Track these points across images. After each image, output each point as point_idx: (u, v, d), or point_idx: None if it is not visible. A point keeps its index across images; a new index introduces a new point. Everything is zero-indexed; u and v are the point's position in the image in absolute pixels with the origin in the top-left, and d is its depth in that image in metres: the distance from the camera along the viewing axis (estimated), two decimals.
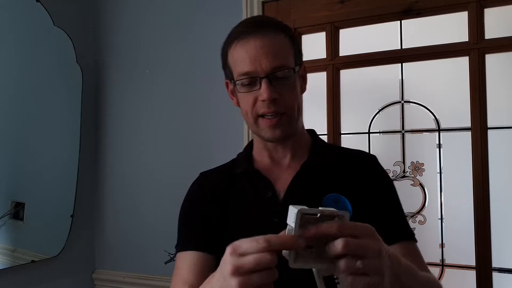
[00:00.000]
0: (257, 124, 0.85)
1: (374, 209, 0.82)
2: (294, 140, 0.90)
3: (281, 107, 0.82)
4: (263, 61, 0.80)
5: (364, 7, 1.46)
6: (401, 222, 0.88)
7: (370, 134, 1.50)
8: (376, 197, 0.86)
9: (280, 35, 0.84)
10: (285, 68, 0.82)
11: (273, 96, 0.80)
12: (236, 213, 0.88)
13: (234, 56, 0.84)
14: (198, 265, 0.85)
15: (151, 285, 1.72)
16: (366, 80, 1.50)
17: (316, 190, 0.85)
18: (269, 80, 0.80)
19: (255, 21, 0.86)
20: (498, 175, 1.30)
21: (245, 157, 0.95)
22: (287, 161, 0.91)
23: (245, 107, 0.86)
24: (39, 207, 1.64)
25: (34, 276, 1.62)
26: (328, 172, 0.87)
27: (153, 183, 1.77)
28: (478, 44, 1.33)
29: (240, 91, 0.85)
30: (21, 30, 1.62)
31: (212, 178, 0.97)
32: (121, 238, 1.83)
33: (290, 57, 0.84)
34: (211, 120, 1.67)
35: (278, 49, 0.82)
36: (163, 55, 1.78)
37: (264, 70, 0.80)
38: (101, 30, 1.92)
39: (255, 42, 0.81)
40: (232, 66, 0.85)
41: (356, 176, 0.87)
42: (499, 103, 1.32)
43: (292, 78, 0.83)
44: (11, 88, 1.58)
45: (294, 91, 0.85)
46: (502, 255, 1.30)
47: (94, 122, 1.90)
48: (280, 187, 0.87)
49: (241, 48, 0.82)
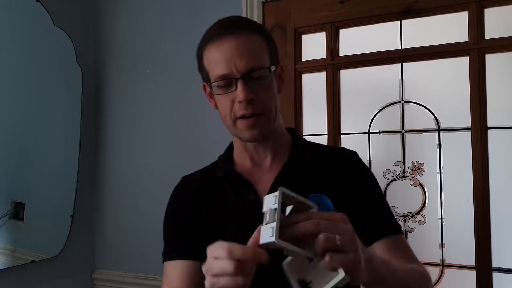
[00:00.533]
0: (235, 126, 0.84)
1: (356, 206, 0.82)
2: (274, 140, 0.90)
3: (258, 108, 0.81)
4: (238, 62, 0.79)
5: (364, 7, 1.46)
6: (385, 216, 0.88)
7: (370, 134, 1.50)
8: (357, 194, 0.85)
9: (254, 35, 0.83)
10: (260, 68, 0.81)
11: (249, 97, 0.80)
12: (218, 218, 0.88)
13: (209, 58, 0.84)
14: (187, 273, 0.86)
15: (151, 285, 1.72)
16: (366, 80, 1.50)
17: (298, 191, 0.83)
18: (244, 81, 0.80)
19: (229, 22, 0.85)
20: (498, 175, 1.31)
21: (226, 160, 0.94)
22: (268, 163, 0.90)
23: (223, 110, 0.85)
24: (39, 207, 1.64)
25: (34, 276, 1.62)
26: (309, 172, 0.87)
27: (153, 183, 1.77)
28: (478, 44, 1.33)
29: (216, 93, 0.84)
30: (21, 30, 1.62)
31: (193, 182, 0.96)
32: (121, 238, 1.83)
33: (266, 57, 0.84)
34: (211, 120, 1.67)
35: (253, 49, 0.81)
36: (163, 55, 1.78)
37: (239, 71, 0.79)
38: (101, 30, 1.92)
39: (229, 43, 0.80)
40: (208, 69, 0.85)
41: (336, 174, 0.87)
42: (499, 103, 1.32)
43: (268, 78, 0.83)
44: (11, 88, 1.58)
45: (270, 91, 0.84)
46: (502, 255, 1.30)
47: (94, 122, 1.90)
48: (262, 190, 0.86)
49: (215, 50, 0.82)
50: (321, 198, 0.82)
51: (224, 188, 0.90)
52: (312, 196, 0.82)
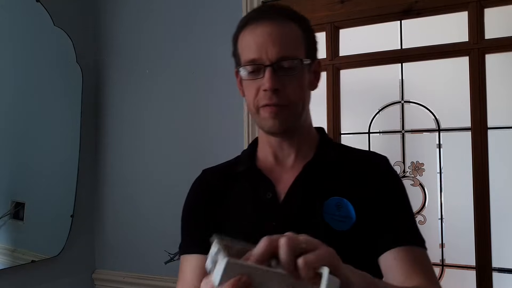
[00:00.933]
0: (258, 114, 0.81)
1: (378, 213, 0.78)
2: (300, 138, 0.86)
3: (282, 99, 0.78)
4: (270, 48, 0.76)
5: (364, 7, 1.46)
6: (406, 226, 0.80)
7: (370, 134, 1.50)
8: (382, 201, 0.80)
9: (291, 24, 0.80)
10: (291, 58, 0.77)
11: (275, 86, 0.76)
12: (234, 214, 0.86)
13: (242, 43, 0.81)
14: (202, 267, 0.83)
15: (151, 285, 1.72)
16: (366, 80, 1.50)
17: (318, 193, 0.81)
18: (273, 69, 0.76)
19: (268, 7, 0.82)
20: (498, 175, 1.30)
21: (249, 155, 0.92)
22: (291, 161, 0.86)
23: (248, 96, 0.82)
24: (39, 207, 1.64)
25: (34, 276, 1.62)
26: (332, 173, 0.83)
27: (153, 183, 1.77)
28: (478, 44, 1.33)
29: (244, 78, 0.82)
30: (21, 30, 1.62)
31: (213, 176, 0.94)
32: (121, 238, 1.83)
33: (300, 48, 0.80)
34: (211, 120, 1.67)
35: (287, 38, 0.78)
36: (163, 55, 1.78)
37: (269, 58, 0.76)
38: (101, 30, 1.92)
39: (263, 29, 0.77)
40: (240, 53, 0.82)
41: (362, 178, 0.82)
42: (499, 103, 1.32)
43: (298, 70, 0.78)
44: (11, 88, 1.58)
45: (299, 84, 0.80)
46: (502, 255, 1.30)
47: (94, 122, 1.90)
48: (281, 189, 0.83)
49: (249, 35, 0.80)
50: (342, 201, 0.78)
51: (243, 183, 0.87)
52: (332, 199, 0.79)
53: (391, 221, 0.78)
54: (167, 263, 1.64)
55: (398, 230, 0.78)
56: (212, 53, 1.66)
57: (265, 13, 0.80)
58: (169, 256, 1.65)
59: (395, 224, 0.78)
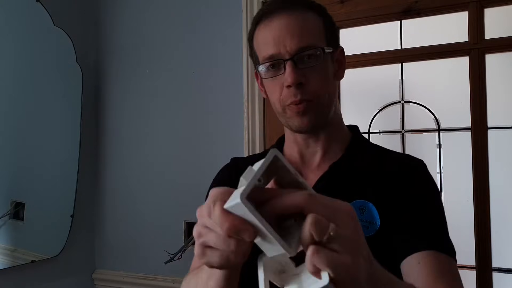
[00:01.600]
0: (285, 113, 0.76)
1: (406, 218, 0.71)
2: (328, 135, 0.80)
3: (308, 94, 0.73)
4: (288, 41, 0.71)
5: (364, 7, 1.46)
6: (435, 230, 0.73)
7: (370, 134, 1.50)
8: (411, 206, 0.73)
9: (309, 13, 0.75)
10: (312, 48, 0.72)
11: (298, 80, 0.71)
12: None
13: (259, 39, 0.77)
14: None
15: (151, 285, 1.72)
16: (366, 80, 1.50)
17: (342, 195, 0.74)
18: (294, 63, 0.71)
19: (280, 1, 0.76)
20: (498, 175, 1.30)
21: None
22: (317, 159, 0.81)
23: (272, 97, 0.78)
24: (39, 207, 1.64)
25: (34, 276, 1.62)
26: (359, 176, 0.77)
27: (154, 183, 1.77)
28: (478, 44, 1.33)
29: (264, 77, 0.77)
30: (21, 30, 1.62)
31: (241, 166, 0.89)
32: (121, 238, 1.83)
33: (321, 36, 0.75)
34: (211, 120, 1.67)
35: (306, 27, 0.73)
36: (163, 55, 1.78)
37: (288, 51, 0.71)
38: (101, 30, 1.92)
39: (279, 21, 0.73)
40: (257, 51, 0.78)
41: (392, 182, 0.75)
42: (499, 103, 1.32)
43: (321, 60, 0.73)
44: (11, 88, 1.58)
45: (324, 75, 0.75)
46: (502, 255, 1.30)
47: (94, 122, 1.90)
48: None
49: (264, 29, 0.75)
50: (366, 205, 0.73)
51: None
52: (356, 202, 0.74)
53: (420, 225, 0.72)
54: (167, 263, 1.64)
55: (426, 233, 0.71)
56: (212, 53, 1.66)
57: (279, 4, 0.75)
58: (169, 256, 1.65)
59: (424, 227, 0.72)
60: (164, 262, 1.64)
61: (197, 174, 1.62)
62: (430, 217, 0.74)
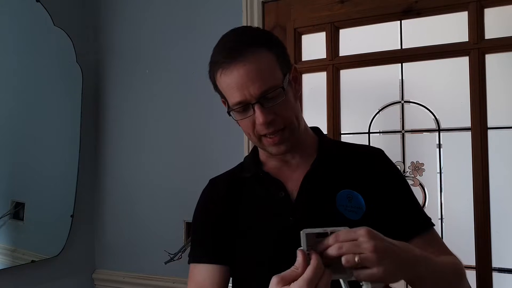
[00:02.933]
0: (261, 142, 0.85)
1: (387, 202, 0.84)
2: (301, 143, 0.90)
3: (279, 125, 0.81)
4: (250, 88, 0.78)
5: (364, 7, 1.46)
6: (416, 212, 0.89)
7: (370, 134, 1.50)
8: (388, 190, 0.86)
9: (261, 53, 0.80)
10: (274, 89, 0.79)
11: (268, 119, 0.79)
12: (248, 217, 0.88)
13: (222, 85, 0.84)
14: (212, 277, 0.86)
15: (151, 285, 1.72)
16: (366, 80, 1.50)
17: (329, 188, 0.85)
18: (260, 104, 0.79)
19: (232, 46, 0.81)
20: (498, 175, 1.30)
21: (252, 160, 0.95)
22: (296, 162, 0.90)
23: (246, 130, 0.86)
24: (39, 207, 1.64)
25: (34, 276, 1.62)
26: (338, 169, 0.88)
27: (153, 183, 1.77)
28: (478, 44, 1.33)
29: (236, 118, 0.85)
30: (21, 30, 1.62)
31: (220, 184, 0.96)
32: (121, 238, 1.83)
33: (277, 73, 0.81)
34: (211, 121, 1.67)
35: (263, 71, 0.79)
36: (163, 55, 1.78)
37: (253, 96, 0.79)
38: (101, 30, 1.92)
39: (238, 71, 0.78)
40: (225, 94, 0.85)
41: (365, 170, 0.88)
42: (499, 103, 1.32)
43: (283, 96, 0.81)
44: (11, 88, 1.58)
45: (288, 105, 0.83)
46: (502, 255, 1.30)
47: (94, 122, 1.90)
48: (292, 187, 0.87)
49: (226, 77, 0.81)
50: (352, 193, 0.84)
51: (253, 187, 0.90)
52: (343, 192, 0.84)
53: (403, 211, 0.86)
54: (167, 263, 1.64)
55: (411, 219, 0.86)
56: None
57: (233, 54, 0.79)
58: (169, 256, 1.65)
59: (407, 213, 0.86)
60: (164, 262, 1.64)
61: (197, 173, 1.62)
62: (408, 201, 0.89)
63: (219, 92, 0.88)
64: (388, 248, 0.61)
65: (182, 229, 1.68)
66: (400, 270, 0.62)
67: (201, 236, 0.93)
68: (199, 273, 0.88)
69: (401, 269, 0.62)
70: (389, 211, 0.83)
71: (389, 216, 0.83)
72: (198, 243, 0.94)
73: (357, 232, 0.61)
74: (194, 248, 0.94)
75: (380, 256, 0.59)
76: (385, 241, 0.62)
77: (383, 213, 0.82)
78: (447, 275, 0.75)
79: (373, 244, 0.59)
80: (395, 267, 0.61)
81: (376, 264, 0.58)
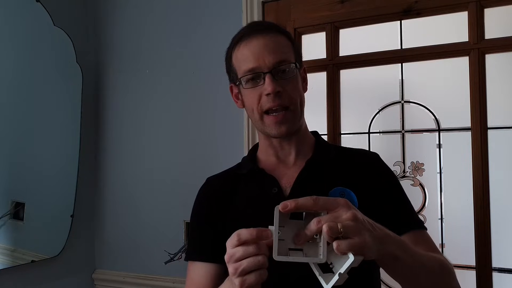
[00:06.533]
0: (262, 121, 0.88)
1: (380, 202, 0.86)
2: (298, 138, 0.93)
3: (285, 101, 0.85)
4: (266, 57, 0.84)
5: (364, 7, 1.46)
6: (407, 213, 0.90)
7: (370, 134, 1.50)
8: (382, 191, 0.88)
9: (281, 36, 0.89)
10: (287, 62, 0.86)
11: (277, 89, 0.83)
12: (242, 212, 0.89)
13: (238, 57, 0.88)
14: (209, 276, 0.88)
15: (151, 285, 1.72)
16: (366, 80, 1.50)
17: (322, 185, 0.87)
18: (272, 75, 0.84)
19: (257, 24, 0.91)
20: (498, 175, 1.30)
21: (249, 158, 0.98)
22: (292, 159, 0.93)
23: (250, 104, 0.89)
24: (39, 207, 1.64)
25: (34, 276, 1.62)
26: (332, 169, 0.90)
27: (154, 183, 1.77)
28: (478, 44, 1.33)
29: (245, 87, 0.88)
30: (21, 30, 1.62)
31: (216, 182, 0.99)
32: (121, 238, 1.83)
33: (292, 55, 0.88)
34: (211, 120, 1.67)
35: (280, 46, 0.86)
36: (163, 55, 1.78)
37: (267, 65, 0.84)
38: (101, 30, 1.92)
39: (258, 41, 0.85)
40: (237, 66, 0.89)
41: (360, 171, 0.90)
42: (499, 103, 1.32)
43: (294, 73, 0.87)
44: (10, 88, 1.58)
45: (296, 85, 0.88)
46: (502, 255, 1.30)
47: (94, 122, 1.90)
48: (285, 184, 0.89)
49: (244, 48, 0.87)
50: (345, 191, 0.86)
51: (248, 183, 0.93)
52: (336, 189, 0.86)
53: (394, 211, 0.87)
54: (167, 263, 1.64)
55: (402, 218, 0.87)
56: (213, 53, 1.66)
57: (256, 28, 0.89)
58: (169, 256, 1.65)
59: (398, 213, 0.88)
60: (164, 262, 1.64)
61: (198, 173, 1.61)
62: (401, 202, 0.91)
63: (231, 70, 0.92)
64: (365, 219, 0.63)
65: (182, 229, 1.68)
66: (377, 243, 0.61)
67: (197, 234, 0.96)
68: (195, 271, 0.90)
69: (378, 242, 0.62)
70: (381, 210, 0.84)
71: (381, 215, 0.82)
72: (194, 241, 0.96)
73: (337, 200, 0.62)
74: (190, 246, 0.96)
75: (360, 226, 0.60)
76: (362, 214, 0.63)
77: (375, 211, 0.82)
78: (433, 268, 0.75)
79: (353, 213, 0.60)
80: (373, 239, 0.61)
81: (357, 234, 0.59)
